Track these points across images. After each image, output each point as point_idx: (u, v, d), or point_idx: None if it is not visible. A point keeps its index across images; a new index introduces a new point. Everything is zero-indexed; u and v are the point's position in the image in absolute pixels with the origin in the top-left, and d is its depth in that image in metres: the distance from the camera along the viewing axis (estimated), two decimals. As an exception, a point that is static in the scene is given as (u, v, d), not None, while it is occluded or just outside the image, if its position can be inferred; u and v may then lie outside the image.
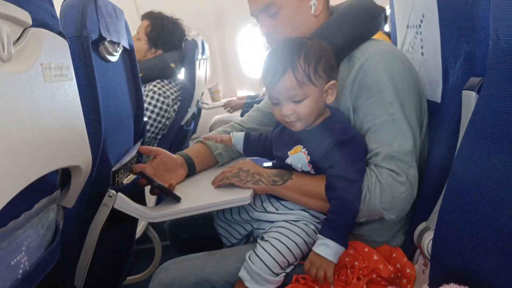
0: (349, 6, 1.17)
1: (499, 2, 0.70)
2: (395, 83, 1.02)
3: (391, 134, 1.01)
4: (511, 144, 0.70)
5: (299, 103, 1.01)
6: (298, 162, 1.06)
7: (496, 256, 0.75)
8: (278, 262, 1.00)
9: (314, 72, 1.00)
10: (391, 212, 1.01)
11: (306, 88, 1.00)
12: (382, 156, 1.01)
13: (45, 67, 0.67)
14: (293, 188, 1.07)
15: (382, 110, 1.02)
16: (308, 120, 1.04)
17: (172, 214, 1.03)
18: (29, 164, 0.61)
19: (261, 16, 1.17)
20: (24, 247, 0.65)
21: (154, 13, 2.37)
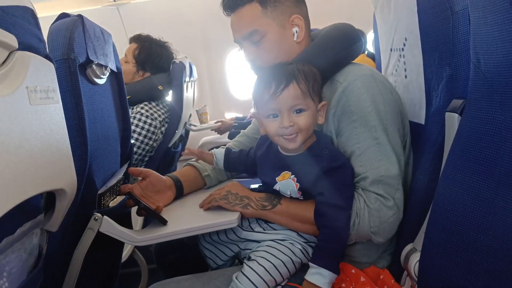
0: (329, 32, 1.19)
1: (478, 27, 0.72)
2: (377, 107, 1.03)
3: (376, 158, 1.02)
4: (494, 165, 0.71)
5: (300, 115, 1.00)
6: (287, 189, 1.06)
7: (482, 277, 0.75)
8: (265, 280, 1.00)
9: (313, 88, 1.01)
10: (379, 236, 1.01)
11: (308, 100, 1.00)
12: (370, 181, 1.01)
13: (31, 90, 0.67)
14: (282, 213, 1.07)
15: (366, 134, 1.03)
16: (307, 134, 1.03)
17: (159, 238, 1.02)
18: (13, 187, 0.60)
19: (244, 43, 1.20)
20: (5, 272, 0.63)
21: (142, 36, 2.39)
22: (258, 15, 1.15)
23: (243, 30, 1.17)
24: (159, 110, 2.29)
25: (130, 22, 3.83)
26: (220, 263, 1.21)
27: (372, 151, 1.02)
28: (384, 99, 1.05)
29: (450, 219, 0.80)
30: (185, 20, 3.86)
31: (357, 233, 1.01)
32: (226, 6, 1.20)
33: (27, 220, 0.71)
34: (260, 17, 1.15)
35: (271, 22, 1.16)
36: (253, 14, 1.16)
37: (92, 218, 1.00)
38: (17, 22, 0.69)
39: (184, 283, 1.08)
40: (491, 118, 0.71)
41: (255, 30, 1.15)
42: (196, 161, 1.33)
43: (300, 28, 1.18)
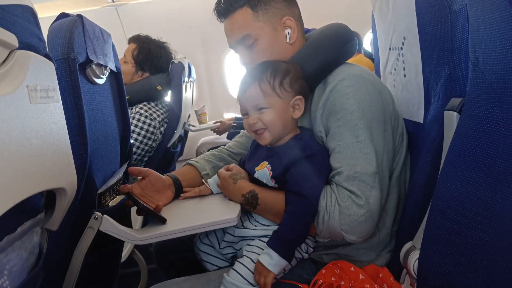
0: (322, 32, 1.21)
1: (477, 25, 0.72)
2: (362, 106, 1.03)
3: (354, 156, 1.02)
4: (493, 163, 0.71)
5: (262, 112, 1.08)
6: (263, 177, 1.11)
7: (481, 274, 0.75)
8: (253, 272, 1.02)
9: (280, 85, 1.08)
10: (351, 234, 1.00)
11: (270, 98, 1.08)
12: (344, 176, 1.01)
13: (31, 89, 0.67)
14: (262, 212, 1.11)
15: (347, 133, 1.03)
16: (274, 129, 1.10)
17: (158, 236, 1.02)
18: (13, 186, 0.60)
19: (238, 48, 1.22)
20: (6, 271, 0.63)
21: (141, 37, 2.39)
22: (250, 19, 1.17)
23: (236, 34, 1.20)
24: (158, 110, 2.29)
25: (129, 22, 3.83)
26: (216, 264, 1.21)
27: (352, 148, 1.02)
28: (371, 99, 1.05)
29: (449, 217, 0.80)
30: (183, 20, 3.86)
31: (328, 229, 1.02)
32: (219, 13, 1.23)
33: (27, 218, 0.71)
34: (252, 21, 1.17)
35: (262, 25, 1.17)
36: (244, 18, 1.18)
37: (92, 217, 1.00)
38: (17, 21, 0.69)
39: (184, 285, 1.08)
40: (490, 116, 0.71)
41: (248, 34, 1.17)
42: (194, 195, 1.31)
43: (292, 30, 1.19)
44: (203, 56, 4.02)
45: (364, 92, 1.05)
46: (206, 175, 1.34)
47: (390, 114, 1.10)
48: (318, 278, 1.03)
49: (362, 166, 1.00)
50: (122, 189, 1.16)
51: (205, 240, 1.22)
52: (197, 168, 1.34)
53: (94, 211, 1.01)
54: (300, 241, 1.06)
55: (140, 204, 1.06)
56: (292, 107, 1.10)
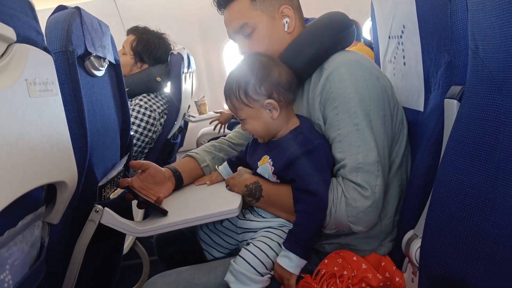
0: (319, 20, 1.21)
1: (476, 13, 0.72)
2: (360, 93, 1.03)
3: (355, 144, 1.02)
4: (493, 151, 0.71)
5: (244, 122, 1.13)
6: (265, 173, 1.11)
7: (483, 262, 0.75)
8: (262, 261, 1.02)
9: (245, 95, 1.08)
10: (358, 225, 1.01)
11: (242, 111, 1.11)
12: (349, 168, 1.01)
13: (30, 82, 0.67)
14: (265, 204, 1.12)
15: (346, 120, 1.03)
16: (260, 134, 1.14)
17: (160, 228, 1.02)
18: (14, 180, 0.60)
19: (237, 37, 1.23)
20: (8, 265, 0.64)
21: (140, 28, 2.38)
22: (248, 8, 1.18)
23: (234, 24, 1.20)
24: (158, 101, 2.28)
25: (127, 14, 3.82)
26: (217, 255, 1.22)
27: (352, 137, 1.02)
28: (368, 85, 1.04)
29: (450, 205, 0.81)
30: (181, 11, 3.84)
31: (335, 221, 1.02)
32: (218, 4, 1.24)
33: (28, 212, 0.71)
34: (250, 10, 1.18)
35: (260, 14, 1.17)
36: (242, 7, 1.18)
37: (93, 210, 1.00)
38: (15, 14, 0.69)
39: (185, 273, 1.08)
40: (490, 104, 0.71)
41: (246, 23, 1.17)
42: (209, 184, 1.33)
43: (290, 19, 1.19)
44: (202, 47, 4.01)
45: (361, 78, 1.04)
46: (205, 166, 1.34)
47: (388, 100, 1.09)
48: (321, 268, 1.03)
49: (364, 156, 1.00)
50: (122, 183, 1.16)
51: (206, 228, 1.23)
52: (197, 159, 1.34)
53: (94, 204, 1.01)
54: (316, 238, 1.06)
55: (140, 198, 1.06)
56: (269, 110, 1.09)
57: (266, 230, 1.10)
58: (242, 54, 1.24)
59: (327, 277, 1.00)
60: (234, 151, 1.42)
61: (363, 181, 0.99)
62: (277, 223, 1.11)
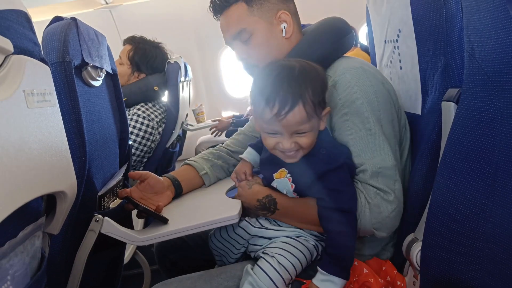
0: (318, 26, 1.21)
1: (471, 15, 0.72)
2: (369, 98, 1.03)
3: (370, 149, 1.01)
4: (492, 152, 0.71)
5: (302, 136, 0.96)
6: (283, 188, 1.07)
7: (484, 264, 0.75)
8: (283, 278, 0.99)
9: (319, 103, 0.95)
10: (381, 231, 1.00)
11: (313, 120, 0.95)
12: (369, 174, 1.00)
13: (28, 93, 0.67)
14: (281, 216, 1.09)
15: (358, 126, 1.02)
16: (307, 150, 1.00)
17: (160, 236, 1.02)
18: (13, 191, 0.60)
19: (234, 43, 1.22)
20: (9, 276, 0.63)
21: (136, 38, 2.39)
22: (245, 14, 1.17)
23: (232, 30, 1.19)
24: (155, 110, 2.29)
25: (123, 24, 3.83)
26: (231, 261, 1.21)
27: (366, 142, 1.01)
28: (376, 90, 1.04)
29: (450, 207, 0.81)
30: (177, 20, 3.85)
31: (359, 229, 1.01)
32: (214, 10, 1.23)
33: (28, 223, 0.71)
34: (247, 16, 1.17)
35: (258, 20, 1.17)
36: (239, 13, 1.18)
37: (93, 219, 1.00)
38: (12, 26, 0.69)
39: (187, 282, 1.08)
40: (487, 105, 0.71)
41: (243, 29, 1.17)
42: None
43: (288, 24, 1.19)
44: (198, 55, 4.02)
45: (368, 84, 1.04)
46: (204, 174, 1.34)
47: (393, 105, 1.09)
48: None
49: (381, 160, 1.00)
50: (121, 193, 1.15)
51: (218, 236, 1.22)
52: (196, 168, 1.34)
53: (94, 213, 1.01)
54: (353, 256, 1.00)
55: (140, 207, 1.06)
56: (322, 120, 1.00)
57: (282, 241, 1.06)
58: (241, 60, 1.24)
59: (329, 282, 0.99)
60: (233, 159, 1.42)
61: (385, 186, 0.99)
62: (294, 233, 1.08)
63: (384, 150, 1.01)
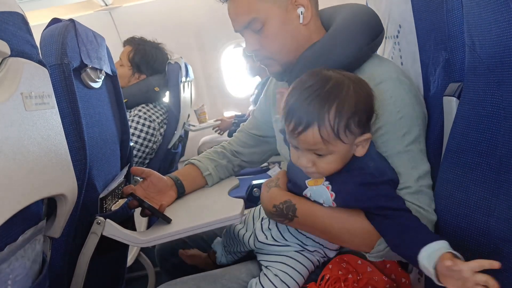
0: (352, 19, 1.05)
1: (471, 9, 0.71)
2: (407, 112, 0.94)
3: (409, 166, 0.92)
4: (495, 146, 0.70)
5: (321, 157, 0.86)
6: (320, 197, 0.92)
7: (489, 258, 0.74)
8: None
9: (346, 128, 0.82)
10: None
11: (331, 145, 0.83)
12: (413, 191, 0.91)
13: (26, 96, 0.67)
14: (300, 225, 0.98)
15: (394, 142, 0.93)
16: (329, 173, 0.89)
17: (163, 238, 1.01)
18: (12, 194, 0.60)
19: (245, 32, 1.09)
20: (10, 280, 0.63)
21: (136, 39, 2.38)
22: (255, 0, 1.03)
23: (242, 19, 1.06)
24: (157, 111, 2.29)
25: (123, 25, 3.83)
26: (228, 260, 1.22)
27: (404, 159, 0.92)
28: (412, 103, 0.95)
29: (453, 203, 0.80)
30: (177, 20, 3.85)
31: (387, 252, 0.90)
32: None
33: (28, 227, 0.70)
34: (258, 2, 1.03)
35: (271, 6, 1.03)
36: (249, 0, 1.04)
37: (95, 222, 1.00)
38: (8, 28, 0.68)
39: (190, 283, 1.07)
40: (489, 99, 0.70)
41: (254, 18, 1.04)
42: None
43: (305, 8, 1.04)
44: (199, 55, 4.02)
45: (404, 97, 0.94)
46: (208, 175, 1.32)
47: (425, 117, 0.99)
48: (325, 273, 1.02)
49: (421, 178, 0.91)
50: (126, 190, 1.13)
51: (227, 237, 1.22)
52: (199, 167, 1.33)
53: (96, 216, 1.01)
54: None
55: (146, 204, 1.05)
56: (356, 145, 0.87)
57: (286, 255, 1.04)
58: (252, 52, 1.11)
59: (332, 282, 0.99)
60: (237, 159, 1.40)
61: (425, 204, 0.90)
62: (298, 248, 1.05)
63: (422, 168, 0.92)
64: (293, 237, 1.05)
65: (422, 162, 0.93)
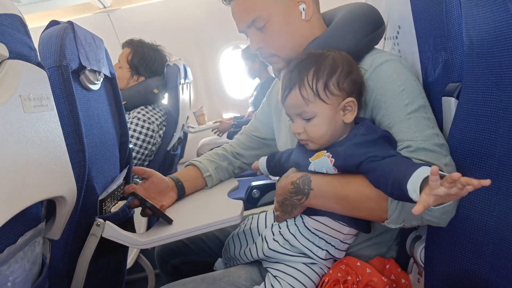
0: (350, 14, 1.09)
1: (470, 9, 0.71)
2: (411, 84, 0.95)
3: (411, 130, 0.90)
4: (493, 146, 0.70)
5: (309, 121, 0.94)
6: (322, 167, 0.95)
7: (489, 259, 0.75)
8: None
9: (325, 87, 0.91)
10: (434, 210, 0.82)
11: (313, 105, 0.92)
12: (413, 148, 0.88)
13: (24, 98, 0.67)
14: (316, 199, 0.96)
15: (398, 113, 0.93)
16: (320, 141, 0.95)
17: (163, 239, 1.01)
18: (11, 196, 0.60)
19: (249, 31, 1.12)
20: (9, 283, 0.63)
21: (135, 41, 2.39)
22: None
23: (246, 18, 1.09)
24: (156, 113, 2.29)
25: (122, 28, 3.83)
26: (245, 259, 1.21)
27: (406, 124, 0.91)
28: (415, 80, 0.97)
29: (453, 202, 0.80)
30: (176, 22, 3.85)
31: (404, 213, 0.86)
32: None
33: (28, 229, 0.70)
34: (261, 0, 1.06)
35: (273, 4, 1.06)
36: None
37: (94, 224, 0.99)
38: (6, 31, 0.68)
39: (189, 285, 1.07)
40: (488, 99, 0.70)
41: (258, 16, 1.06)
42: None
43: (307, 4, 1.08)
44: (198, 57, 4.02)
45: (406, 73, 0.96)
46: (208, 176, 1.32)
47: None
48: (324, 277, 1.02)
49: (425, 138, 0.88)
50: (127, 189, 1.13)
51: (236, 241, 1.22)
52: (200, 168, 1.33)
53: (95, 218, 1.00)
54: None
55: (148, 203, 1.05)
56: (343, 110, 0.94)
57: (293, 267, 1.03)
58: (256, 50, 1.13)
59: (332, 284, 0.98)
60: (238, 160, 1.40)
61: (434, 160, 0.84)
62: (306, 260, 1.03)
63: (429, 131, 0.89)
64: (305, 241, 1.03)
65: (428, 127, 0.89)
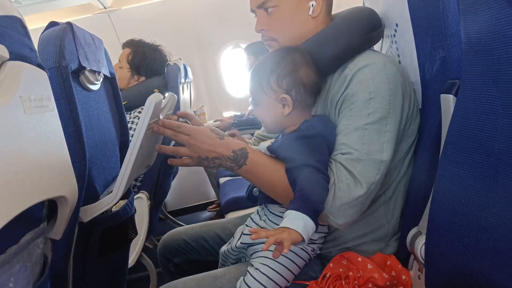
0: (348, 15, 1.14)
1: (468, 7, 0.72)
2: (381, 94, 0.98)
3: (360, 141, 0.96)
4: (492, 143, 0.71)
5: (257, 108, 1.11)
6: (263, 146, 1.07)
7: (489, 255, 0.75)
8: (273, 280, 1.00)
9: (267, 82, 1.05)
10: (337, 218, 0.95)
11: (260, 95, 1.08)
12: (352, 158, 0.95)
13: (25, 99, 0.67)
14: (246, 173, 1.04)
15: (357, 119, 0.98)
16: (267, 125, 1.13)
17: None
18: (12, 197, 0.60)
19: (258, 11, 1.16)
20: (11, 283, 0.63)
21: (135, 41, 2.39)
22: None
23: None
24: (156, 113, 2.29)
25: (122, 28, 3.83)
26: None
27: (359, 134, 0.97)
28: (390, 88, 0.99)
29: (452, 200, 0.80)
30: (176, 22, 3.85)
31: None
32: None
33: (29, 229, 0.71)
34: None
35: None
36: None
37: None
38: (6, 32, 0.69)
39: (191, 283, 1.08)
40: (486, 96, 0.71)
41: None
42: None
43: (317, 2, 1.11)
44: (198, 57, 4.02)
45: (385, 81, 0.99)
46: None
47: (408, 106, 1.04)
48: (326, 272, 1.03)
49: (370, 151, 0.95)
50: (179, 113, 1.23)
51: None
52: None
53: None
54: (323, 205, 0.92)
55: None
56: (282, 105, 1.05)
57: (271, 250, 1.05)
58: (259, 32, 1.18)
59: (333, 280, 0.99)
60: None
61: (360, 175, 0.94)
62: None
63: (375, 146, 0.96)
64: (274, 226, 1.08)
65: (378, 142, 0.97)
